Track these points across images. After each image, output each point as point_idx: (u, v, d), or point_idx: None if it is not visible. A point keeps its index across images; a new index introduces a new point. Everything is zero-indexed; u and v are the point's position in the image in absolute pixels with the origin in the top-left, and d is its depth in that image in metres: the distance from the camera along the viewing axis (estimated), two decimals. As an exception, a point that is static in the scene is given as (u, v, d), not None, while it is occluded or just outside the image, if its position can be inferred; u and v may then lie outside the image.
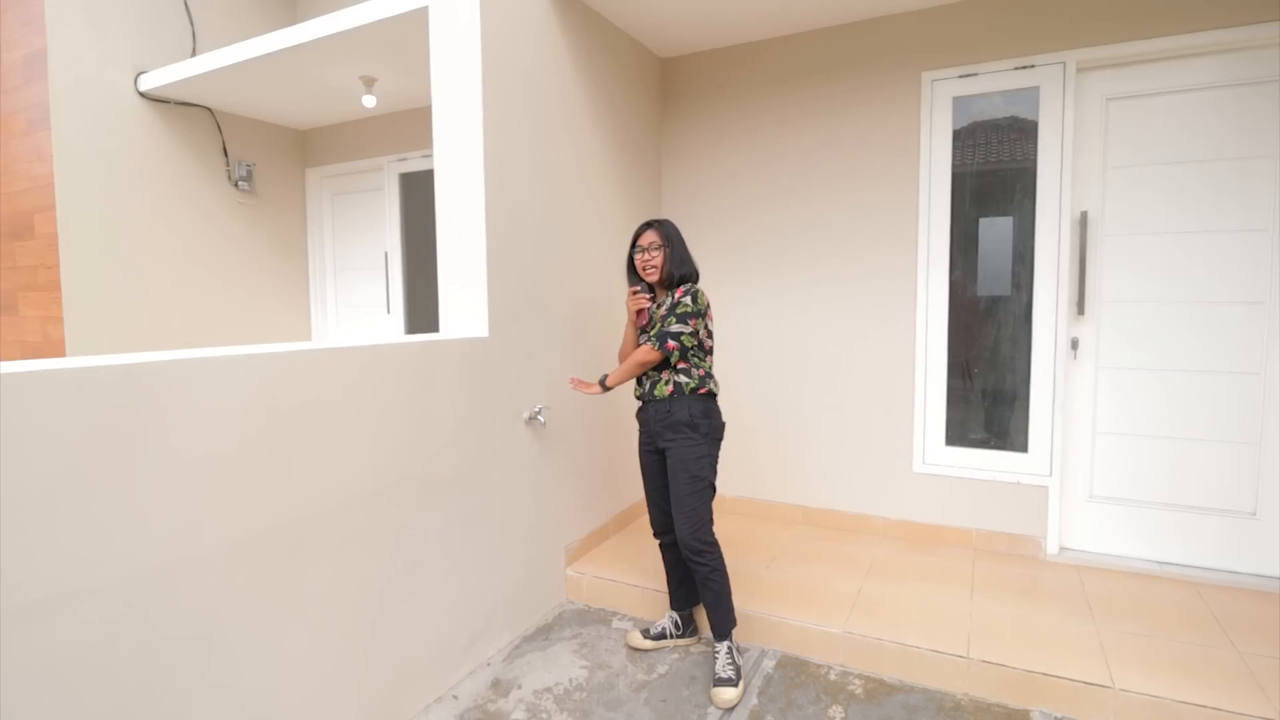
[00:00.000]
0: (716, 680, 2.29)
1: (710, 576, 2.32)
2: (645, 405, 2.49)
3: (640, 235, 2.47)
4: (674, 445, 2.38)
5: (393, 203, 4.65)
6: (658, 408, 2.42)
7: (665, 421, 2.40)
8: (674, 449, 2.38)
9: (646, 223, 2.48)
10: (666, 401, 2.40)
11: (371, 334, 4.89)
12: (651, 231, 2.44)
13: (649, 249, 2.42)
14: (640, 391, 2.50)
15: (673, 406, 2.38)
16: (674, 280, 2.42)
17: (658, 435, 2.44)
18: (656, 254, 2.41)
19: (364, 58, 3.26)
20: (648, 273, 2.44)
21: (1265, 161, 2.75)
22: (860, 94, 3.37)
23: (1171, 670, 2.18)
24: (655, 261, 2.41)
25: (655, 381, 2.43)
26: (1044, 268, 3.09)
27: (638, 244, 2.46)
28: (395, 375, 2.11)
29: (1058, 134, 3.01)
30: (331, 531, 1.90)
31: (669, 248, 2.42)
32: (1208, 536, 2.91)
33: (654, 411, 2.44)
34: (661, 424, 2.41)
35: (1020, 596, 2.73)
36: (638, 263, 2.46)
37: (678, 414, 2.37)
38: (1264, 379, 2.80)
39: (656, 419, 2.43)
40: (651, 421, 2.46)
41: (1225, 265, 2.84)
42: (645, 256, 2.43)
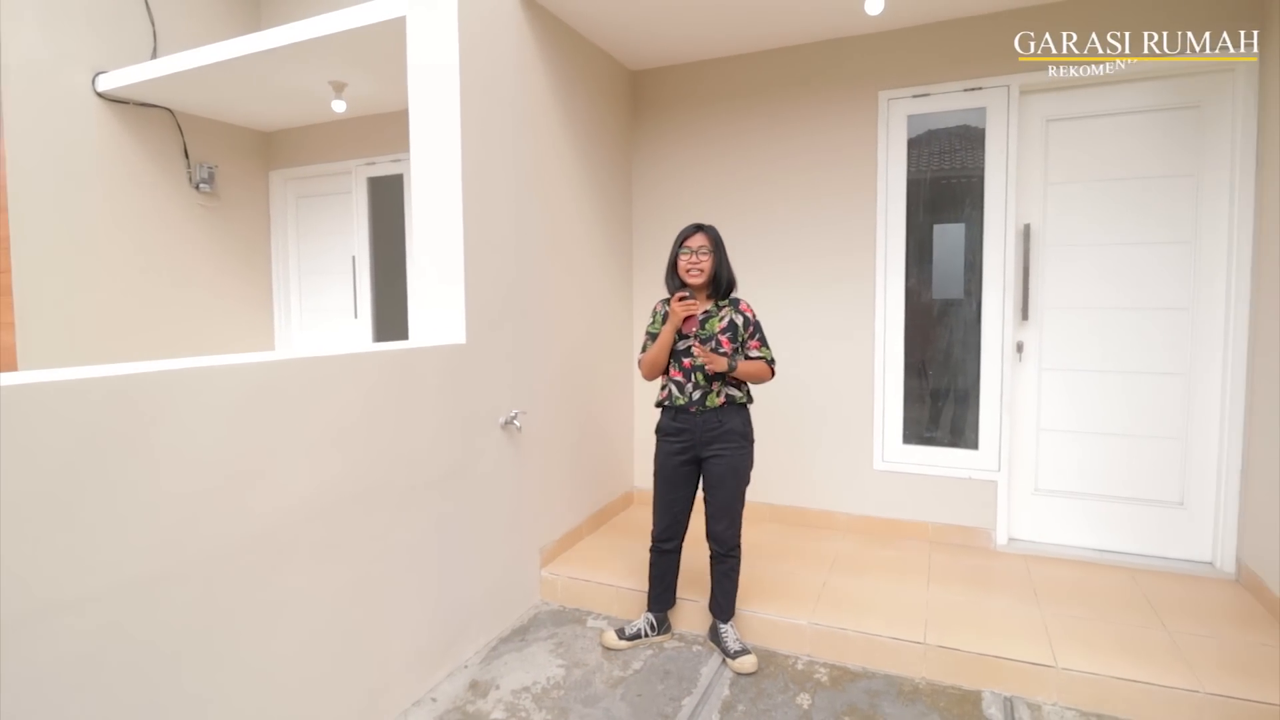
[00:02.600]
0: (735, 653, 2.51)
1: (735, 569, 2.55)
2: (689, 415, 2.45)
3: (689, 237, 2.44)
4: (725, 454, 2.44)
5: (360, 207, 4.63)
6: (708, 418, 2.43)
7: (716, 431, 2.43)
8: (725, 458, 2.44)
9: (695, 225, 2.46)
10: (717, 412, 2.43)
11: (338, 339, 4.85)
12: (701, 235, 2.43)
13: (698, 252, 2.41)
14: (683, 400, 2.45)
15: (723, 417, 2.43)
16: (721, 286, 2.46)
17: (702, 445, 2.44)
18: (706, 258, 2.41)
19: (335, 63, 3.27)
20: (692, 275, 2.42)
21: (1187, 180, 3.00)
22: (821, 109, 3.53)
23: (1109, 650, 2.36)
24: (703, 265, 2.41)
25: (707, 392, 2.42)
26: (992, 275, 3.29)
27: (685, 245, 2.43)
28: (376, 382, 2.15)
29: (1003, 152, 3.21)
30: (312, 539, 1.92)
31: (717, 253, 2.43)
32: (1141, 525, 3.14)
33: (703, 422, 2.43)
34: (711, 434, 2.43)
35: (973, 585, 2.90)
36: (682, 264, 2.43)
37: (730, 424, 2.44)
38: (1188, 379, 3.04)
39: (705, 429, 2.43)
40: (697, 431, 2.44)
41: (1153, 275, 3.07)
42: (693, 259, 2.41)
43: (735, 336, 2.44)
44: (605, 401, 3.74)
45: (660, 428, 2.54)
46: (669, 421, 2.50)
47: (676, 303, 2.38)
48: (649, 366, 2.50)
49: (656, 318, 2.57)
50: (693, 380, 2.43)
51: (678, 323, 2.40)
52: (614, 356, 3.85)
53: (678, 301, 2.37)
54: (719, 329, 2.43)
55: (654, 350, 2.47)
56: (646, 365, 2.50)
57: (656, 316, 2.58)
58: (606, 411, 3.76)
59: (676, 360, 2.48)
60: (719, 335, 2.43)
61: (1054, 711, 2.22)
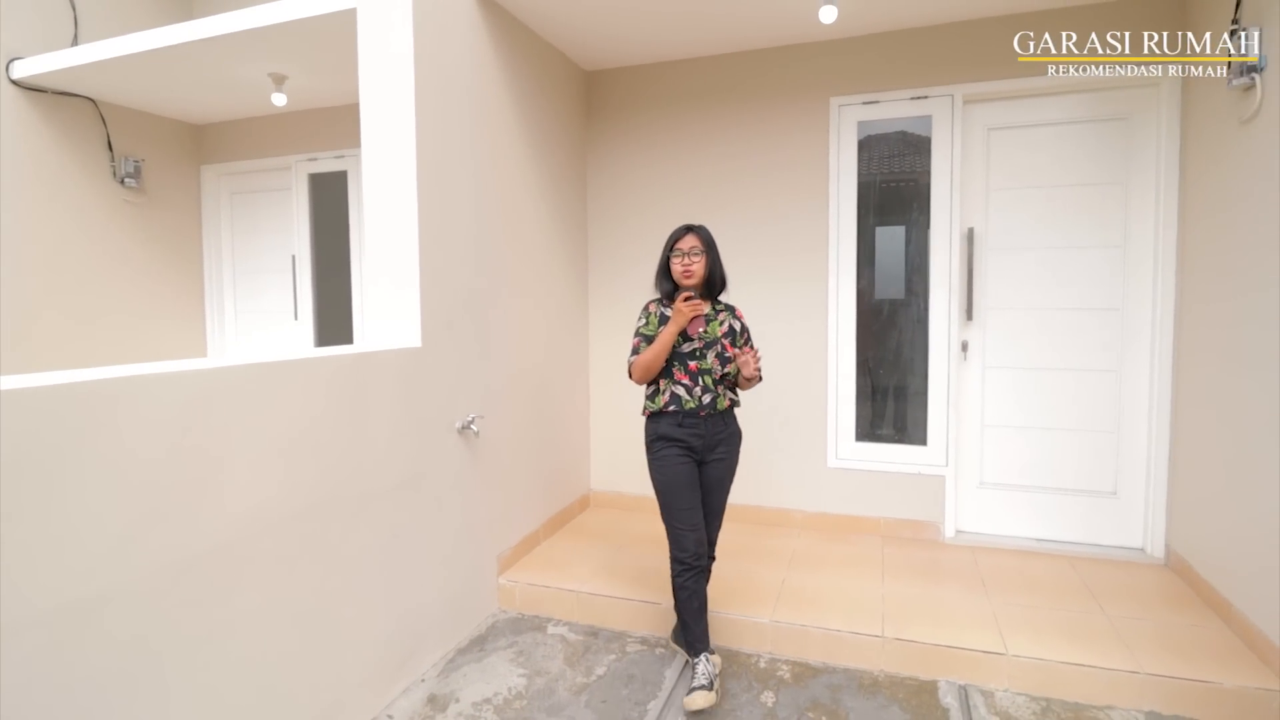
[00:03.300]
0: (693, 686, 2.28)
1: (710, 567, 2.48)
2: (697, 419, 2.35)
3: (680, 239, 2.36)
4: (726, 457, 2.41)
5: (301, 204, 4.45)
6: (715, 422, 2.37)
7: (723, 434, 2.39)
8: (726, 460, 2.41)
9: (686, 226, 2.38)
10: (723, 415, 2.39)
11: (278, 342, 4.65)
12: (693, 235, 2.35)
13: (690, 254, 2.34)
14: (692, 404, 2.34)
15: (727, 420, 2.41)
16: (715, 287, 2.40)
17: (709, 449, 2.38)
18: (698, 259, 2.34)
19: (277, 55, 3.12)
20: (686, 277, 2.34)
21: (1117, 187, 3.17)
22: (775, 113, 3.58)
23: (1054, 635, 2.47)
24: (696, 267, 2.34)
25: (716, 395, 2.36)
26: (938, 277, 3.40)
27: (676, 247, 2.35)
28: (328, 388, 2.06)
29: (948, 158, 3.33)
30: (262, 552, 1.84)
31: (710, 253, 2.36)
32: (1078, 515, 3.30)
33: (712, 425, 2.37)
34: (719, 436, 2.38)
35: (924, 577, 2.99)
36: (676, 267, 2.35)
37: (733, 427, 2.43)
38: (1119, 375, 3.22)
39: (714, 431, 2.37)
40: (708, 434, 2.36)
41: (1087, 277, 3.23)
42: (686, 261, 2.34)
43: (735, 342, 2.40)
44: (562, 403, 3.70)
45: (663, 435, 2.37)
46: (674, 428, 2.35)
47: (684, 303, 2.26)
48: (644, 370, 2.36)
49: (651, 318, 2.42)
50: (701, 383, 2.34)
51: (684, 323, 2.28)
52: (570, 357, 3.81)
53: (684, 302, 2.26)
54: (721, 332, 2.38)
55: (653, 353, 2.33)
56: (641, 368, 2.36)
57: (651, 317, 2.42)
58: (563, 413, 3.72)
59: (681, 363, 2.36)
60: (722, 339, 2.37)
61: (1005, 697, 2.31)
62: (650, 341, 2.37)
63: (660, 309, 2.43)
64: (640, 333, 2.43)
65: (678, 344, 2.35)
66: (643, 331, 2.42)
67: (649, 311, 2.45)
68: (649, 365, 2.35)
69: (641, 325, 2.44)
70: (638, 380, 2.41)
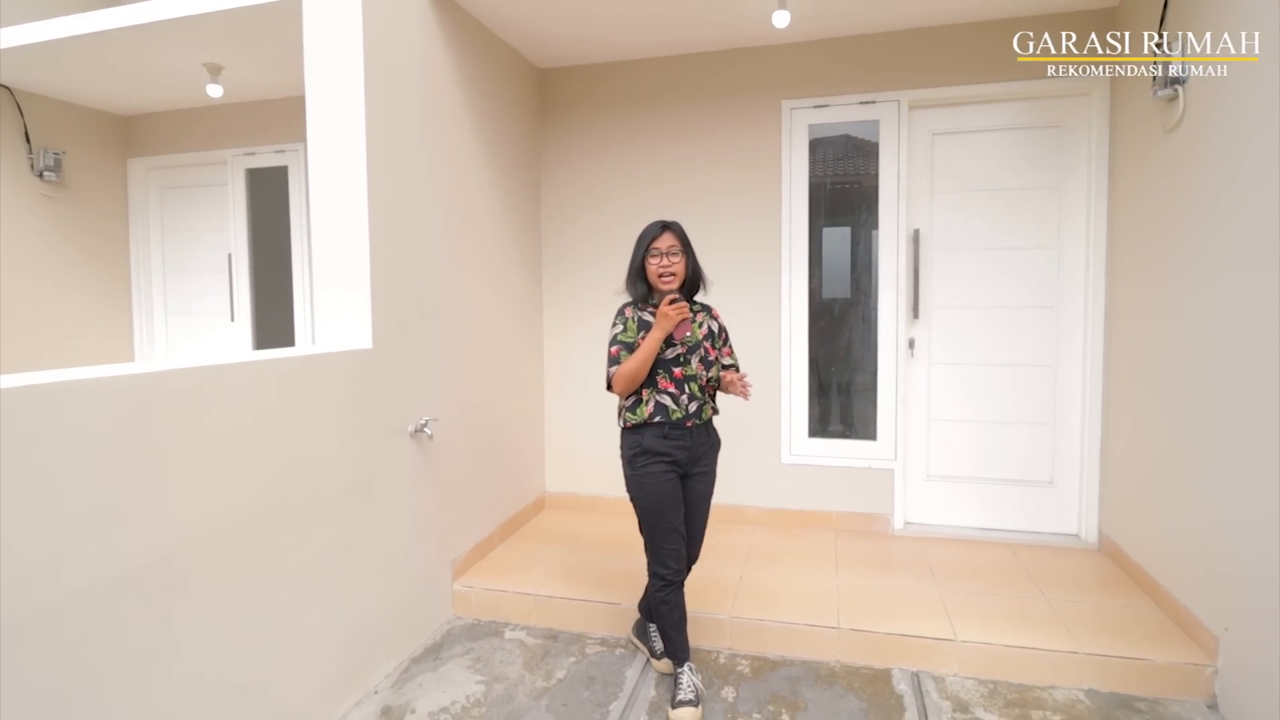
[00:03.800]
0: (661, 654, 2.46)
1: None
2: (683, 430, 2.22)
3: (656, 237, 2.19)
4: (710, 470, 2.32)
5: (238, 200, 4.26)
6: (700, 432, 2.26)
7: (706, 445, 2.29)
8: (709, 474, 2.33)
9: (661, 224, 2.21)
10: (706, 426, 2.30)
11: (213, 346, 4.44)
12: (670, 234, 2.20)
13: (668, 254, 2.18)
14: (679, 414, 2.20)
15: (710, 430, 2.31)
16: (693, 287, 2.30)
17: (694, 461, 2.26)
18: (677, 260, 2.19)
19: (212, 44, 2.98)
20: (664, 280, 2.19)
21: (1051, 191, 3.32)
22: (728, 114, 3.62)
23: (999, 620, 2.57)
24: (675, 268, 2.19)
25: (702, 404, 2.24)
26: (886, 276, 3.49)
27: (653, 247, 2.19)
28: (275, 392, 1.98)
29: (895, 161, 3.43)
30: (206, 565, 1.75)
31: (686, 253, 2.23)
32: (1018, 504, 3.45)
33: (698, 436, 2.25)
34: (703, 448, 2.28)
35: (876, 569, 3.07)
36: (652, 268, 2.20)
37: (715, 437, 2.34)
38: (1055, 370, 3.37)
39: (699, 443, 2.26)
40: (694, 446, 2.24)
41: (1024, 276, 3.38)
42: (664, 262, 2.17)
43: (715, 344, 2.30)
44: (517, 404, 3.65)
45: (646, 449, 2.20)
46: (659, 441, 2.19)
47: (669, 307, 2.11)
48: (629, 379, 2.17)
49: (630, 324, 2.23)
50: (687, 391, 2.20)
51: (671, 328, 2.13)
52: (525, 357, 3.77)
53: (670, 305, 2.11)
54: (702, 335, 2.26)
55: (638, 360, 2.15)
56: (626, 378, 2.17)
57: (629, 323, 2.24)
58: (518, 414, 3.67)
59: (666, 371, 2.20)
60: (704, 343, 2.25)
61: (955, 682, 2.39)
62: (631, 349, 2.19)
63: (638, 314, 2.26)
64: (619, 340, 2.23)
65: (661, 350, 2.18)
66: (622, 339, 2.22)
67: (626, 317, 2.26)
68: (633, 375, 2.16)
69: (619, 332, 2.24)
70: (620, 392, 2.22)
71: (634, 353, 2.18)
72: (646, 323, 2.23)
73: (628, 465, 2.27)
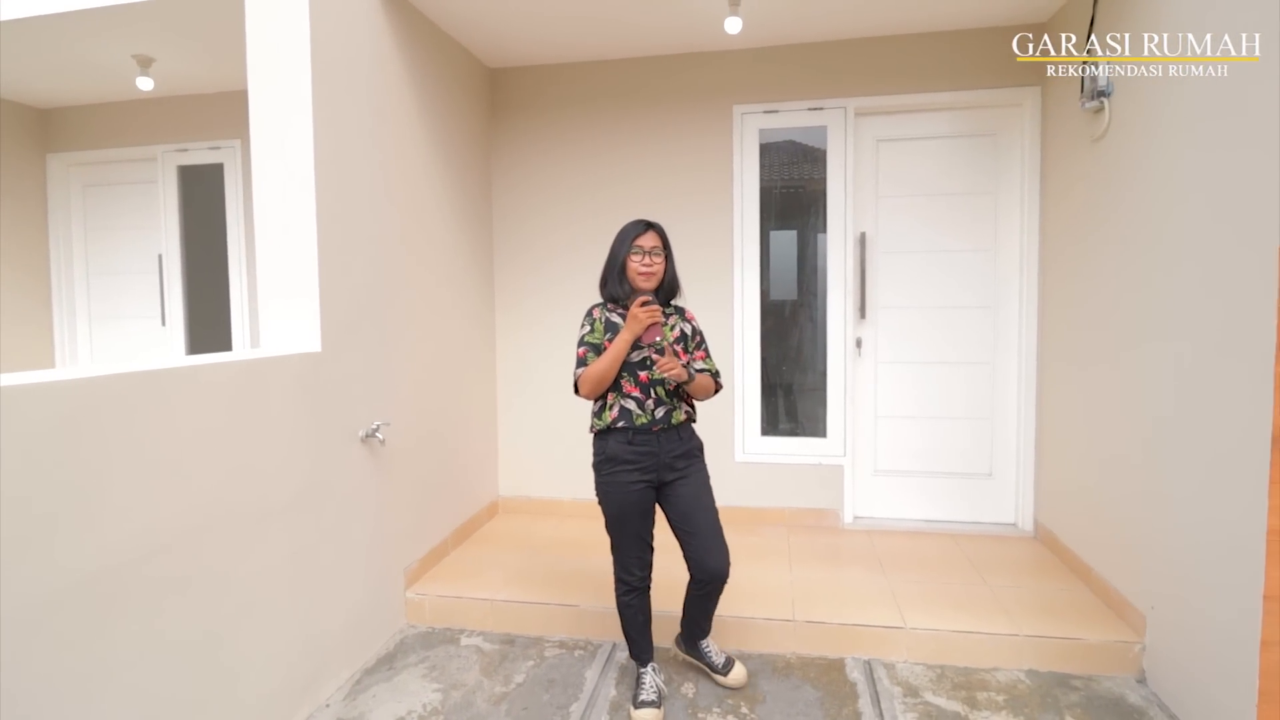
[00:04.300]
0: (724, 666, 2.39)
1: (722, 589, 2.32)
2: (650, 435, 2.15)
3: (639, 235, 2.14)
4: (690, 473, 2.21)
5: (170, 198, 4.08)
6: (671, 436, 2.17)
7: (681, 450, 2.19)
8: (692, 476, 2.21)
9: (644, 222, 2.16)
10: (679, 429, 2.19)
11: (142, 350, 4.23)
12: (653, 233, 2.15)
13: (650, 253, 2.13)
14: (644, 419, 2.13)
15: (682, 433, 2.20)
16: (671, 291, 2.24)
17: (667, 466, 2.17)
18: (659, 259, 2.15)
19: (143, 35, 2.84)
20: (643, 278, 2.14)
21: (987, 197, 3.48)
22: (680, 117, 3.66)
23: (944, 607, 2.67)
24: (656, 268, 2.15)
25: (671, 408, 2.17)
26: (834, 278, 3.59)
27: (636, 245, 2.13)
28: (219, 398, 1.90)
29: (841, 166, 3.53)
30: (147, 579, 1.67)
31: (668, 256, 2.19)
32: (960, 495, 3.60)
33: (666, 441, 2.16)
34: (675, 453, 2.18)
35: (828, 562, 3.15)
36: (634, 266, 2.14)
37: (690, 440, 2.23)
38: (992, 367, 3.53)
39: (669, 448, 2.17)
40: (662, 451, 2.16)
41: (963, 277, 3.53)
42: (646, 261, 2.13)
43: (686, 347, 2.24)
44: (470, 407, 3.60)
45: (612, 456, 2.15)
46: (624, 446, 2.14)
47: (639, 308, 2.03)
48: (595, 383, 2.11)
49: (597, 325, 2.18)
50: (653, 396, 2.14)
51: (639, 330, 2.06)
52: (477, 360, 3.71)
53: (640, 307, 2.03)
54: (673, 338, 2.20)
55: (605, 363, 2.09)
56: (592, 381, 2.11)
57: (596, 324, 2.18)
58: (471, 418, 3.62)
59: (631, 374, 2.14)
60: (674, 346, 2.18)
61: (905, 668, 2.47)
62: (599, 351, 2.14)
63: (606, 314, 2.20)
64: (586, 341, 2.17)
65: (634, 349, 2.13)
66: (589, 340, 2.17)
67: (594, 318, 2.21)
68: (599, 378, 2.11)
69: (586, 333, 2.19)
70: (586, 395, 2.16)
71: (601, 355, 2.13)
72: (615, 324, 2.17)
73: (595, 471, 2.22)
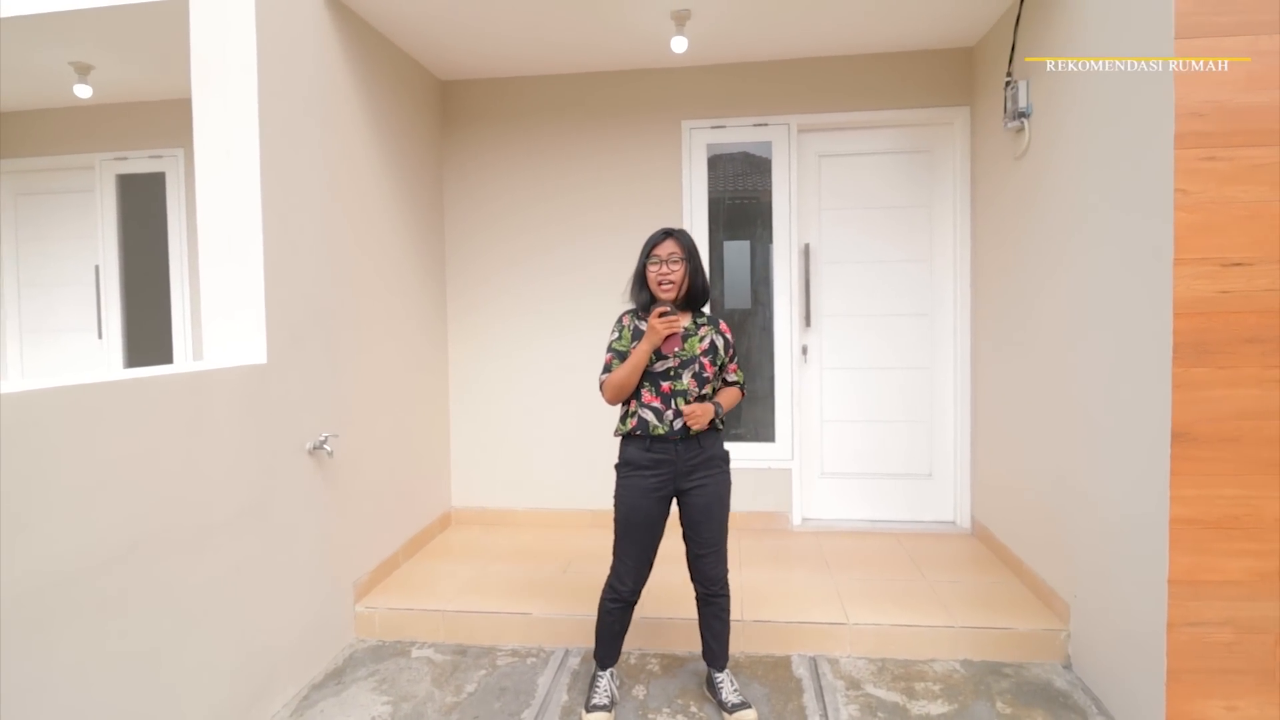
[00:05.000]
0: (734, 706, 2.24)
1: (727, 607, 2.31)
2: (668, 444, 2.16)
3: (658, 244, 2.17)
4: (709, 483, 2.20)
5: (108, 208, 3.97)
6: (689, 445, 2.16)
7: (699, 459, 2.18)
8: (709, 486, 2.20)
9: (665, 231, 2.19)
10: (698, 440, 2.18)
11: (78, 364, 4.09)
12: (672, 241, 2.17)
13: (668, 261, 2.15)
14: (662, 430, 2.14)
15: (704, 441, 2.19)
16: (696, 298, 2.23)
17: (682, 476, 2.18)
18: (677, 267, 2.15)
19: (82, 42, 2.78)
20: (664, 288, 2.15)
21: (922, 210, 3.66)
22: (630, 131, 3.74)
23: (885, 602, 2.78)
24: (675, 276, 2.15)
25: None
26: (780, 288, 3.71)
27: (654, 254, 2.17)
28: (159, 410, 1.87)
29: (786, 180, 3.66)
30: (86, 596, 1.63)
31: (690, 261, 2.18)
32: (901, 495, 3.74)
33: (684, 450, 2.16)
34: (693, 462, 2.17)
35: (776, 563, 3.23)
36: (652, 276, 2.17)
37: (711, 449, 2.20)
38: (930, 372, 3.69)
39: (687, 457, 2.16)
40: (678, 461, 2.16)
41: (902, 286, 3.69)
42: (663, 270, 2.14)
43: (716, 360, 2.21)
44: (421, 418, 3.59)
45: (629, 460, 2.20)
46: (641, 453, 2.17)
47: (657, 319, 2.05)
48: (616, 389, 2.16)
49: (625, 332, 2.22)
50: (673, 407, 2.15)
51: (657, 341, 2.08)
52: (429, 370, 3.71)
53: (658, 318, 2.05)
54: (700, 350, 2.18)
55: (625, 371, 2.13)
56: (613, 388, 2.16)
57: (625, 331, 2.22)
58: (423, 429, 3.60)
59: (652, 384, 2.17)
60: (701, 358, 2.17)
61: (849, 662, 2.57)
62: (623, 358, 2.17)
63: (635, 322, 2.23)
64: (612, 348, 2.22)
65: (650, 362, 2.15)
66: (615, 347, 2.21)
67: (622, 325, 2.24)
68: (621, 385, 2.15)
69: (614, 340, 2.23)
70: (609, 400, 2.20)
71: (624, 362, 2.17)
72: (642, 331, 2.18)
73: (616, 472, 2.26)
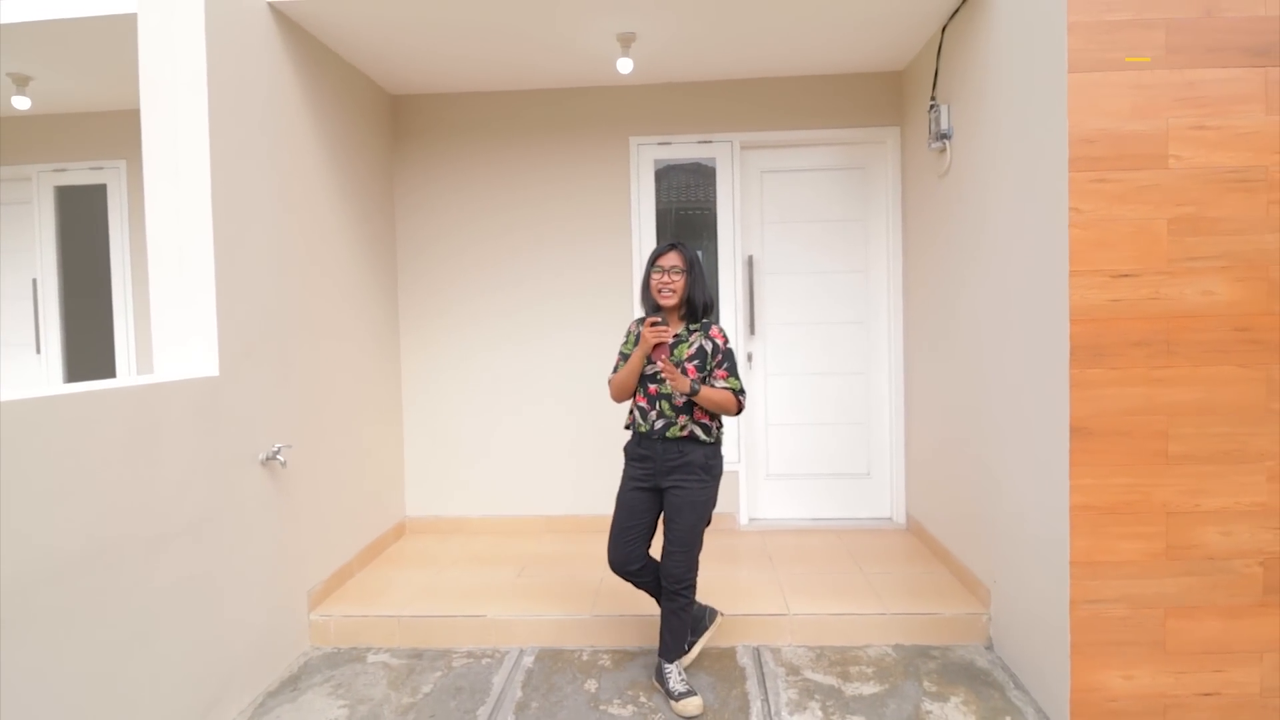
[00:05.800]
0: (679, 695, 2.35)
1: (685, 608, 2.42)
2: (650, 442, 2.38)
3: (662, 255, 2.37)
4: (683, 486, 2.35)
5: (46, 220, 3.90)
6: (668, 448, 2.35)
7: (676, 462, 2.35)
8: (683, 490, 2.35)
9: (670, 243, 2.39)
10: (678, 443, 2.35)
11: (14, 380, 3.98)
12: (675, 253, 2.36)
13: (670, 271, 2.34)
14: (645, 428, 2.38)
15: (684, 448, 2.34)
16: (696, 308, 2.39)
17: (662, 474, 2.37)
18: (678, 277, 2.34)
19: (20, 54, 2.76)
20: (663, 295, 2.34)
21: (859, 223, 3.88)
22: (579, 146, 3.86)
23: (824, 593, 2.95)
24: (675, 285, 2.33)
25: (670, 423, 2.33)
26: (726, 297, 3.88)
27: (657, 264, 2.36)
28: (111, 423, 1.89)
29: (730, 195, 3.84)
30: (33, 609, 1.65)
31: (691, 273, 2.36)
32: (841, 494, 3.93)
33: (663, 451, 2.36)
34: (670, 464, 2.35)
35: (724, 561, 3.37)
36: (654, 283, 2.36)
37: (691, 456, 2.35)
38: (867, 377, 3.91)
39: (665, 458, 2.36)
40: (658, 460, 2.37)
41: (840, 295, 3.90)
42: (664, 278, 2.34)
43: (704, 364, 2.35)
44: (374, 429, 3.62)
45: (626, 450, 2.48)
46: (634, 446, 2.45)
47: (647, 329, 2.26)
48: (618, 389, 2.44)
49: (630, 338, 2.49)
50: (657, 409, 2.35)
51: (647, 349, 2.29)
52: (382, 381, 3.74)
53: (648, 328, 2.26)
54: (686, 355, 2.35)
55: (623, 374, 2.40)
56: (615, 387, 2.45)
57: (630, 336, 2.49)
58: (376, 439, 3.63)
59: (643, 385, 2.40)
60: (685, 363, 2.34)
61: (790, 650, 2.71)
62: (627, 360, 2.43)
63: (639, 328, 2.42)
64: (621, 351, 2.52)
65: (647, 363, 2.37)
66: (622, 350, 2.50)
67: (629, 330, 2.53)
68: (620, 385, 2.43)
69: (623, 343, 2.52)
70: (614, 398, 2.48)
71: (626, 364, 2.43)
72: None
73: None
